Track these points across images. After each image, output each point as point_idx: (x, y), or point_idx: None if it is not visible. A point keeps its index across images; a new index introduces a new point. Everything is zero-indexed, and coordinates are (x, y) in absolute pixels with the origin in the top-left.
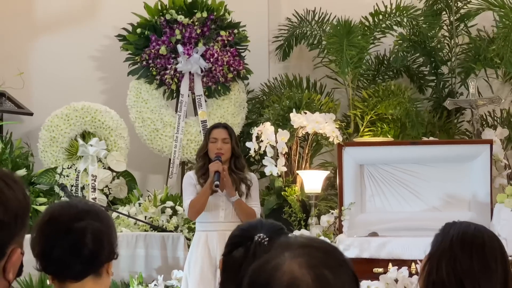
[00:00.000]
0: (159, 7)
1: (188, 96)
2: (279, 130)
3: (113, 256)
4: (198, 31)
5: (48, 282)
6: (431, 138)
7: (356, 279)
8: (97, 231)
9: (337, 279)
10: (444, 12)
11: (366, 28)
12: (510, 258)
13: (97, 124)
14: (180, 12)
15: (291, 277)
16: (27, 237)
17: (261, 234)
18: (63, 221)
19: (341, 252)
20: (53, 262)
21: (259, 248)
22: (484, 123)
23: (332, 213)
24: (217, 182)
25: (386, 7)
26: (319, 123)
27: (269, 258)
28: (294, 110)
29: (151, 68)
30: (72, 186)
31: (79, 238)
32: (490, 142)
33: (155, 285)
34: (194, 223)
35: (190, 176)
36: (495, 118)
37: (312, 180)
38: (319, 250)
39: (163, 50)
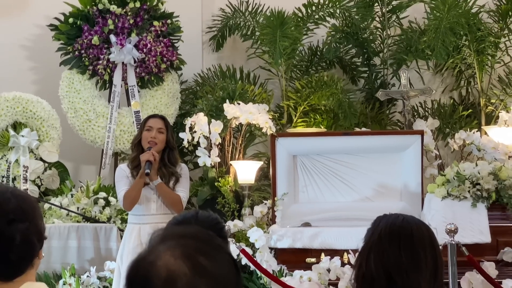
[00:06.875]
0: None
1: (121, 86)
2: (213, 120)
3: (40, 249)
4: (131, 21)
5: None
6: (363, 129)
7: (234, 261)
8: (25, 233)
9: (214, 265)
10: (376, 4)
11: (299, 19)
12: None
13: (29, 115)
14: (112, 2)
15: (168, 270)
16: None
17: None
18: None
19: (216, 237)
20: None
21: None
22: (415, 114)
23: (266, 204)
24: (147, 171)
25: None
26: (252, 113)
27: (145, 254)
28: (227, 100)
29: (83, 58)
30: (3, 177)
31: (7, 245)
32: (421, 132)
33: (87, 276)
34: (127, 214)
35: (122, 168)
36: (426, 109)
37: (245, 171)
38: (193, 239)
39: (95, 40)
